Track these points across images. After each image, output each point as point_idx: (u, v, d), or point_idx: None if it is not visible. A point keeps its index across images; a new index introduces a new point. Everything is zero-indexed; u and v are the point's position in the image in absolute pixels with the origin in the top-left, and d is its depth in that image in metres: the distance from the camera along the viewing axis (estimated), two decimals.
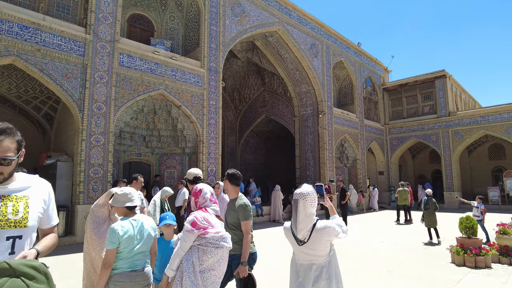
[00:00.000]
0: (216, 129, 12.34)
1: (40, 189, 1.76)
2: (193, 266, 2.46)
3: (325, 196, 2.68)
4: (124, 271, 2.71)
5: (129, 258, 2.73)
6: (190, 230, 2.54)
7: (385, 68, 25.43)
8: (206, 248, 2.51)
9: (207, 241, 2.52)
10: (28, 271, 1.41)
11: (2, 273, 1.35)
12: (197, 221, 2.59)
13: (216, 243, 2.53)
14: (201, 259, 2.50)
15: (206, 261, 2.50)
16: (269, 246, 8.69)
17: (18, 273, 1.38)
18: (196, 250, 2.52)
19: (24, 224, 1.63)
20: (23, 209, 1.65)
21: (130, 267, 2.73)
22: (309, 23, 17.63)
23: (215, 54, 12.56)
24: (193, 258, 2.49)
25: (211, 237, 2.54)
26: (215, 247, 2.52)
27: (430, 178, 26.53)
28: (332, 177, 17.54)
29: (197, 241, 2.54)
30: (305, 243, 2.45)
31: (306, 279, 2.46)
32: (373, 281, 5.69)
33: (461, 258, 6.67)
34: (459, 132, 20.84)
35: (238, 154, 23.06)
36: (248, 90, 22.03)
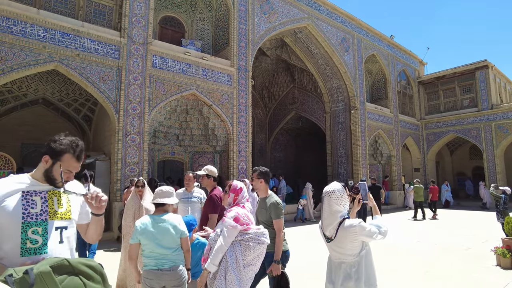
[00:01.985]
0: (246, 127, 12.42)
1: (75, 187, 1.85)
2: (237, 261, 2.51)
3: (369, 195, 2.63)
4: (151, 268, 2.81)
5: (154, 256, 2.82)
6: (234, 226, 2.58)
7: (420, 61, 24.37)
8: (248, 243, 2.55)
9: (250, 237, 2.57)
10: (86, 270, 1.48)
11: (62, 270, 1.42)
12: (240, 216, 2.64)
13: (258, 238, 2.58)
14: (244, 254, 2.54)
15: (248, 256, 2.55)
16: (300, 244, 8.65)
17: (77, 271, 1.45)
18: (239, 246, 2.56)
19: (68, 216, 1.75)
20: (65, 203, 1.76)
21: (157, 265, 2.81)
22: (339, 17, 17.26)
23: (244, 53, 12.62)
24: (237, 253, 2.53)
25: (254, 233, 2.59)
26: (257, 242, 2.57)
27: (471, 175, 25.18)
28: (365, 175, 17.11)
29: (239, 237, 2.59)
30: (332, 241, 2.45)
31: (337, 277, 2.45)
32: (407, 282, 5.49)
33: (508, 261, 6.28)
34: (504, 126, 19.54)
35: (268, 152, 23.10)
36: (277, 87, 21.97)
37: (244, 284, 2.49)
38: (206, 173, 4.04)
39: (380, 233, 2.37)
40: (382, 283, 5.41)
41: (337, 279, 2.43)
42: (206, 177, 4.04)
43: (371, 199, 2.61)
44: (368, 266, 2.42)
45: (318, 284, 5.31)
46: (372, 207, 2.64)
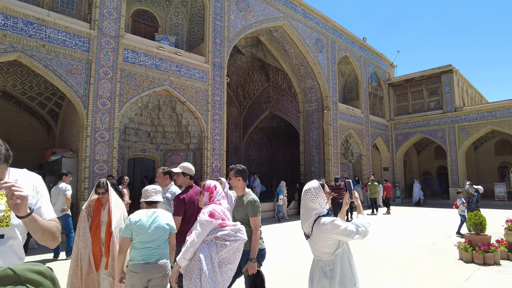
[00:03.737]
0: (221, 125, 12.30)
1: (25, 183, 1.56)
2: (212, 261, 2.45)
3: (354, 193, 2.63)
4: (138, 262, 2.93)
5: (142, 249, 2.94)
6: (209, 221, 2.55)
7: (391, 63, 25.19)
8: (224, 242, 2.51)
9: (226, 233, 2.53)
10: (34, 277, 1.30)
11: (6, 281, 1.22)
12: (215, 212, 2.61)
13: (234, 235, 2.55)
14: (219, 253, 2.49)
15: (224, 255, 2.51)
16: (274, 242, 8.68)
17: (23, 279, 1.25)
18: (214, 246, 2.50)
19: (6, 222, 1.49)
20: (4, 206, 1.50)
21: (144, 259, 2.92)
22: (314, 17, 17.48)
23: (219, 50, 12.48)
24: (212, 254, 2.47)
25: (230, 229, 2.56)
26: (233, 240, 2.53)
27: (436, 174, 26.39)
28: (337, 174, 17.45)
29: (214, 234, 2.53)
30: (309, 238, 2.44)
31: (314, 275, 2.44)
32: (381, 278, 5.64)
33: (469, 255, 6.61)
34: (466, 128, 20.63)
35: (242, 150, 23.05)
36: (252, 85, 21.96)
37: (220, 285, 2.43)
38: (182, 171, 3.87)
39: (357, 233, 2.32)
40: None
41: (314, 277, 2.42)
42: (182, 175, 3.88)
43: (356, 198, 2.62)
44: (344, 266, 2.37)
45: (294, 282, 5.34)
46: (357, 205, 2.63)
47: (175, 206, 3.63)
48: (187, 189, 3.80)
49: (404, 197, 23.01)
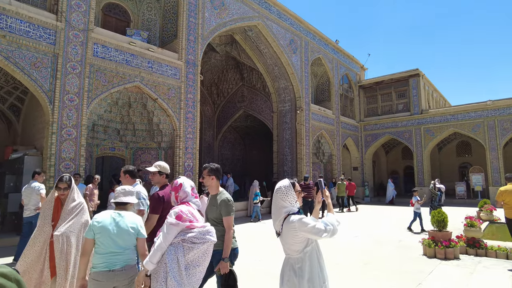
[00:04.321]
0: (194, 124, 12.15)
1: None
2: (178, 264, 2.40)
3: (324, 192, 2.66)
4: (101, 270, 2.65)
5: (105, 254, 2.68)
6: (175, 223, 2.49)
7: (362, 66, 25.92)
8: (191, 244, 2.45)
9: (194, 236, 2.47)
10: None
11: None
12: (183, 214, 2.54)
13: (202, 237, 2.49)
14: (186, 256, 2.44)
15: (191, 258, 2.45)
16: (247, 241, 8.70)
17: None
18: (181, 248, 2.45)
19: None
20: None
21: (107, 266, 2.66)
22: (288, 18, 17.66)
23: (193, 47, 12.32)
24: (178, 256, 2.42)
25: (198, 231, 2.50)
26: (201, 242, 2.47)
27: (403, 173, 27.45)
28: (308, 173, 17.74)
29: (181, 236, 2.48)
30: (280, 235, 2.46)
31: (285, 272, 2.45)
32: (350, 274, 5.80)
33: (432, 251, 6.93)
34: (431, 130, 21.63)
35: (216, 149, 22.90)
36: (226, 84, 21.86)
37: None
38: (158, 170, 3.80)
39: (326, 231, 2.34)
40: None
41: (284, 274, 2.44)
42: (158, 174, 3.81)
43: (327, 197, 2.66)
44: (313, 264, 2.39)
45: (267, 281, 5.37)
46: (327, 204, 2.67)
47: (153, 204, 3.56)
48: (163, 187, 3.77)
49: (373, 196, 23.77)
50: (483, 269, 6.05)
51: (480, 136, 19.93)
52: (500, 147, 19.24)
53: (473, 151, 24.56)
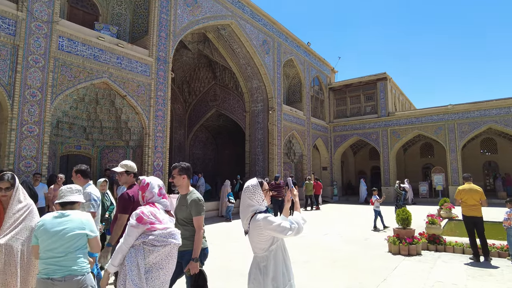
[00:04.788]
0: (164, 122, 11.91)
1: None
2: (138, 268, 2.34)
3: (292, 191, 2.69)
4: (41, 277, 2.38)
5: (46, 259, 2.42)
6: (135, 225, 2.42)
7: (332, 69, 26.53)
8: (152, 247, 2.40)
9: (154, 238, 2.40)
10: None
11: None
12: (143, 215, 2.46)
13: (163, 240, 2.42)
14: (147, 259, 2.38)
15: (153, 261, 2.40)
16: (218, 240, 8.65)
17: None
18: (141, 251, 2.39)
19: None
20: None
21: (47, 273, 2.39)
22: (261, 19, 17.74)
23: (164, 43, 12.08)
24: (138, 259, 2.36)
25: (159, 234, 2.43)
26: (162, 245, 2.41)
27: (369, 173, 28.38)
28: (279, 173, 17.93)
29: (142, 239, 2.42)
30: (248, 234, 2.48)
31: (251, 270, 2.47)
32: (320, 272, 5.92)
33: (397, 247, 7.22)
34: (397, 131, 22.54)
35: (187, 149, 22.58)
36: (198, 83, 21.62)
37: None
38: (125, 170, 3.69)
39: (290, 229, 2.34)
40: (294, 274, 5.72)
41: (251, 273, 2.45)
42: (125, 173, 3.70)
43: (294, 195, 2.69)
44: (277, 263, 2.39)
45: (237, 280, 5.37)
46: (295, 203, 2.70)
47: (121, 204, 3.46)
48: (131, 187, 3.68)
49: (341, 195, 24.40)
50: (442, 263, 6.39)
51: (442, 138, 21.01)
52: (459, 148, 20.38)
53: (435, 153, 25.85)
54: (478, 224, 6.67)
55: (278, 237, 2.41)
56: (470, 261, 6.50)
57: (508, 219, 6.72)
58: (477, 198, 6.68)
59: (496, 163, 24.12)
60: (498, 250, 6.88)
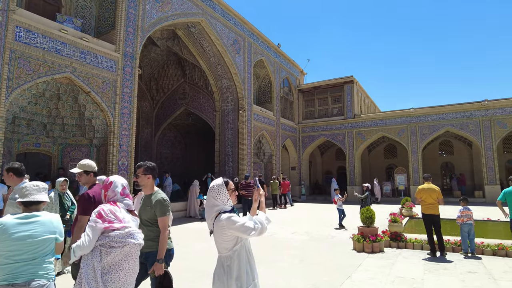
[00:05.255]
0: (130, 120, 11.56)
1: None
2: (94, 270, 2.26)
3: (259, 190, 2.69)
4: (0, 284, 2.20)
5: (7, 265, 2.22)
6: (94, 222, 2.36)
7: (301, 71, 27.00)
8: (108, 249, 2.32)
9: (111, 239, 2.33)
10: None
11: None
12: (103, 213, 2.40)
13: (121, 240, 2.34)
14: (103, 261, 2.30)
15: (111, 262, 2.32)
16: (185, 241, 8.53)
17: None
18: (97, 253, 2.31)
19: None
20: None
21: (7, 280, 2.20)
22: (232, 18, 17.69)
23: (132, 39, 11.72)
24: (94, 262, 2.28)
25: (116, 234, 2.35)
26: (120, 245, 2.33)
27: (336, 173, 29.16)
28: (249, 173, 17.98)
29: (100, 241, 2.34)
30: (213, 233, 2.47)
31: (216, 270, 2.45)
32: (287, 270, 6.00)
33: (361, 245, 7.47)
34: (362, 133, 23.34)
35: (154, 148, 22.06)
36: (167, 80, 21.18)
37: None
38: (83, 170, 3.51)
39: (254, 229, 2.33)
40: (262, 273, 5.74)
41: (215, 273, 2.44)
42: (84, 174, 3.53)
43: (261, 195, 2.70)
44: (241, 263, 2.38)
45: (202, 281, 5.31)
46: (260, 203, 2.70)
47: (83, 205, 3.28)
48: (92, 187, 3.50)
49: (308, 194, 24.88)
50: (403, 259, 6.69)
51: (404, 140, 22.02)
52: (420, 150, 21.46)
53: (398, 154, 27.02)
54: (436, 222, 7.05)
55: (241, 237, 2.40)
56: (428, 257, 6.86)
57: (461, 216, 7.20)
58: (435, 197, 7.06)
59: (452, 164, 25.62)
60: (452, 246, 7.32)
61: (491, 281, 5.29)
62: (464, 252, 7.05)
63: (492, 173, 19.70)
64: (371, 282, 5.26)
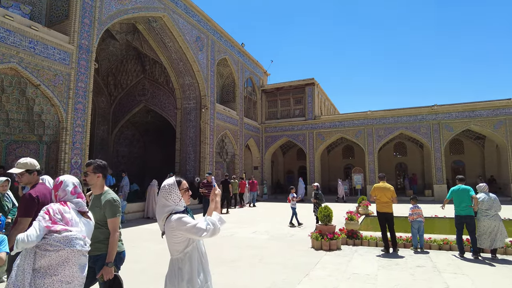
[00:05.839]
0: (84, 116, 10.94)
1: None
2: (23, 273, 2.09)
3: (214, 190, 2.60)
4: None
5: None
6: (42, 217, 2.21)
7: (265, 71, 27.20)
8: (44, 251, 2.15)
9: (47, 242, 2.16)
10: None
11: None
12: (51, 211, 2.24)
13: (56, 244, 2.17)
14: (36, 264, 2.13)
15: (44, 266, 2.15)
16: (142, 243, 8.22)
17: None
18: (31, 255, 2.13)
19: None
20: None
21: None
22: (196, 15, 17.39)
23: (88, 31, 11.10)
24: (25, 265, 2.10)
25: (53, 238, 2.18)
26: (54, 249, 2.16)
27: (297, 173, 29.73)
28: (211, 170, 17.79)
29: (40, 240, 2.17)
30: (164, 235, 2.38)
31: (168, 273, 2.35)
32: (246, 270, 5.96)
33: (319, 243, 7.63)
34: (322, 134, 24.00)
35: (111, 146, 21.11)
36: (125, 75, 20.34)
37: None
38: (25, 170, 3.23)
39: (206, 230, 2.25)
40: (222, 273, 5.68)
41: (167, 276, 2.35)
42: (27, 173, 3.24)
43: (215, 195, 2.60)
44: (193, 265, 2.30)
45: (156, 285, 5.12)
46: (215, 202, 2.58)
47: (24, 206, 2.99)
48: (34, 186, 3.22)
49: (270, 194, 25.12)
50: (359, 256, 6.92)
51: (361, 141, 22.95)
52: (376, 151, 22.47)
53: (356, 154, 28.13)
54: (389, 219, 7.39)
55: (193, 238, 2.32)
56: (382, 253, 7.16)
57: (411, 214, 7.61)
58: (389, 195, 7.39)
59: (406, 165, 27.12)
60: (404, 242, 7.71)
61: (436, 273, 5.63)
62: (414, 247, 7.45)
63: (440, 173, 21.09)
64: (328, 279, 5.38)
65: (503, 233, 6.68)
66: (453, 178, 22.92)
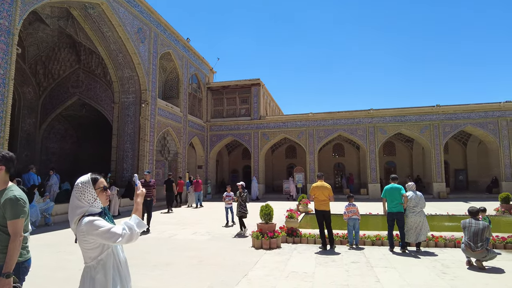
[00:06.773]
0: (4, 106, 9.72)
1: None
2: None
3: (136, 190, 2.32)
4: None
5: None
6: None
7: (211, 69, 26.78)
8: None
9: None
10: None
11: None
12: None
13: None
14: None
15: None
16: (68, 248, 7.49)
17: None
18: None
19: None
20: None
21: None
22: (138, 5, 16.47)
23: (8, 10, 9.86)
24: None
25: None
26: None
27: (242, 172, 29.81)
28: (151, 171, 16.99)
29: None
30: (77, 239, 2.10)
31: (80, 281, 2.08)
32: (182, 273, 5.69)
33: (260, 242, 7.61)
34: (266, 134, 24.32)
35: (39, 141, 19.18)
36: (57, 65, 18.62)
37: None
38: None
39: (121, 236, 2.01)
40: (156, 277, 5.36)
41: (80, 284, 2.07)
42: None
43: (137, 195, 2.33)
44: (107, 274, 2.05)
45: None
46: (135, 204, 2.31)
47: None
48: None
49: (214, 193, 24.79)
50: (298, 254, 7.02)
51: (303, 142, 23.69)
52: (316, 151, 23.35)
53: (298, 154, 29.00)
54: (327, 217, 7.62)
55: (107, 244, 2.05)
56: (319, 250, 7.34)
57: (346, 212, 7.93)
58: (326, 194, 7.62)
59: (343, 165, 28.61)
60: (340, 239, 8.00)
61: (369, 268, 5.89)
62: (350, 244, 7.76)
63: (374, 173, 22.56)
64: (266, 279, 5.33)
65: (426, 228, 7.26)
66: (386, 178, 24.73)
